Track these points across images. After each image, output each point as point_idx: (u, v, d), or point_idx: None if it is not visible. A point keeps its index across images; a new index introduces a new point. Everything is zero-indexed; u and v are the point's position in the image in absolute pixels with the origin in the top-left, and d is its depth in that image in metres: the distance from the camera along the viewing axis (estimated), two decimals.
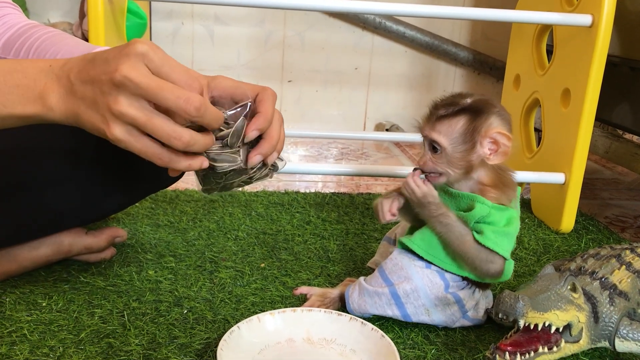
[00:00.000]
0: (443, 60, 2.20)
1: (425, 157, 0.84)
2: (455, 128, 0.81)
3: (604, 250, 0.87)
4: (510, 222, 0.83)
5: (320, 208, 1.35)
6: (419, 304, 0.83)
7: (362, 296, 0.85)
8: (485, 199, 0.82)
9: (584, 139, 1.24)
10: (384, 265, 0.86)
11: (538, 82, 1.42)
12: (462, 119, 0.81)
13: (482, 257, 0.81)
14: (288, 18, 2.10)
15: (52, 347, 0.77)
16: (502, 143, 0.81)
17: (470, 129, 0.80)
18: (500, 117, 0.82)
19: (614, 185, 1.78)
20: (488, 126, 0.81)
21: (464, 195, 0.84)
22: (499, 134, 0.80)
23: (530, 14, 1.27)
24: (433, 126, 0.82)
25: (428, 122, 0.83)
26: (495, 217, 0.81)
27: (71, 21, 1.99)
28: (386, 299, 0.83)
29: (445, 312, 0.84)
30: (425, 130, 0.83)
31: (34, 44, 0.85)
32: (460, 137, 0.81)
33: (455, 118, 0.81)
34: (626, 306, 0.79)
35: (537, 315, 0.69)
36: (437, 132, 0.81)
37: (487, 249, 0.80)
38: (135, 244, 1.09)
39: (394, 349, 0.74)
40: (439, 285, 0.83)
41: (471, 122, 0.81)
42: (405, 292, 0.82)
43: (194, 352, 0.77)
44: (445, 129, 0.81)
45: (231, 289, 0.95)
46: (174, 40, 2.08)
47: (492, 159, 0.82)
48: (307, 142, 2.07)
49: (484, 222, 0.81)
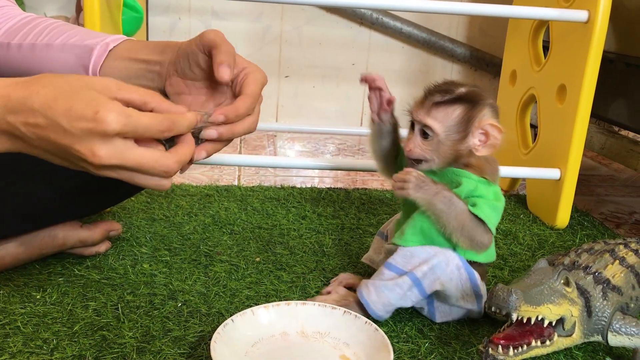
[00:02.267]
0: (440, 57, 2.20)
1: (414, 142, 0.82)
2: (452, 116, 0.80)
3: (597, 245, 0.88)
4: (498, 197, 0.83)
5: (316, 203, 1.35)
6: (434, 278, 0.81)
7: (381, 292, 0.82)
8: (470, 173, 0.82)
9: (579, 134, 1.24)
10: (392, 261, 0.84)
11: (534, 78, 1.42)
12: (459, 107, 0.80)
13: (479, 229, 0.80)
14: (285, 13, 2.10)
15: (46, 339, 0.77)
16: (493, 135, 0.81)
17: (466, 119, 0.80)
18: (493, 109, 0.82)
19: (609, 181, 1.79)
20: (482, 117, 0.81)
21: (449, 171, 0.83)
22: (491, 126, 0.81)
23: (527, 9, 1.27)
24: (428, 111, 0.81)
25: (422, 106, 0.82)
26: (483, 191, 0.81)
27: (68, 15, 1.99)
28: (407, 285, 0.81)
29: (458, 287, 0.82)
30: (419, 115, 0.82)
31: (45, 30, 0.83)
32: (455, 125, 0.80)
33: (452, 106, 0.81)
34: (619, 301, 0.79)
35: (530, 309, 0.69)
36: (432, 118, 0.81)
37: (480, 220, 0.80)
38: (130, 238, 1.09)
39: (387, 342, 0.74)
40: (453, 257, 0.82)
41: (467, 112, 0.80)
42: (424, 273, 0.81)
43: (188, 345, 0.77)
44: (442, 116, 0.81)
45: (226, 282, 0.95)
46: (171, 35, 2.07)
47: (480, 150, 0.82)
48: (304, 138, 2.07)
49: (473, 196, 0.81)
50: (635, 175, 1.86)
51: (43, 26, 0.84)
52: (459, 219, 0.80)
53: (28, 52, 0.84)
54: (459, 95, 0.81)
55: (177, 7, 2.06)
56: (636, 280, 0.83)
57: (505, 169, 1.40)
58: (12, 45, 0.84)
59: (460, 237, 0.80)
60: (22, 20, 0.86)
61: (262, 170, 1.65)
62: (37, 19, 0.86)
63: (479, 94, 0.82)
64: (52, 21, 0.86)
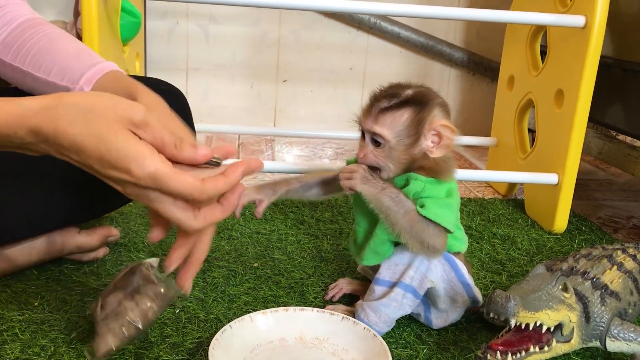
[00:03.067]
0: (438, 61, 2.20)
1: (366, 149, 0.81)
2: (400, 121, 0.78)
3: (595, 251, 0.88)
4: (451, 193, 0.81)
5: (314, 208, 1.35)
6: (422, 278, 0.81)
7: (379, 312, 0.82)
8: (418, 175, 0.80)
9: (577, 139, 1.25)
10: (379, 276, 0.84)
11: (532, 83, 1.43)
12: (407, 111, 0.78)
13: (429, 231, 0.78)
14: (283, 17, 2.10)
15: (44, 346, 0.76)
16: (446, 136, 0.79)
17: (415, 122, 0.78)
18: (443, 109, 0.80)
19: (607, 186, 1.79)
20: (432, 118, 0.79)
21: (398, 178, 0.82)
22: (443, 127, 0.78)
23: (524, 14, 1.27)
24: (376, 119, 0.79)
25: (369, 114, 0.80)
26: (432, 191, 0.79)
27: (66, 20, 1.99)
28: (400, 295, 0.81)
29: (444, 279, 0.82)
30: (367, 124, 0.80)
31: (30, 52, 0.83)
32: (405, 130, 0.78)
33: (399, 110, 0.78)
34: (617, 306, 0.79)
35: (528, 315, 0.69)
36: (380, 125, 0.79)
37: (430, 222, 0.78)
38: (128, 243, 1.09)
39: (386, 348, 0.74)
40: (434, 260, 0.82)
41: (416, 115, 0.78)
42: (412, 277, 0.81)
43: (186, 351, 0.77)
44: (390, 122, 0.78)
45: (224, 288, 0.95)
46: (169, 40, 2.07)
47: (434, 151, 0.79)
48: (301, 142, 2.07)
49: (422, 197, 0.79)
50: (633, 179, 1.86)
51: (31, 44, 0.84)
52: (407, 217, 0.77)
53: (20, 75, 0.85)
54: (406, 98, 0.79)
55: (175, 11, 2.06)
56: (634, 285, 0.83)
57: (503, 173, 1.41)
58: (6, 64, 0.85)
59: (409, 239, 0.78)
60: (17, 29, 0.86)
61: (260, 174, 1.65)
62: (31, 29, 0.85)
63: (426, 95, 0.80)
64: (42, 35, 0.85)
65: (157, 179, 0.56)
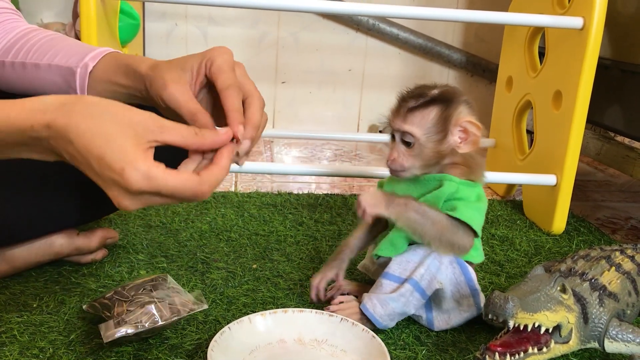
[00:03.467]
0: (436, 62, 2.21)
1: (396, 153, 0.83)
2: (428, 118, 0.81)
3: (594, 252, 0.88)
4: (480, 197, 0.83)
5: (313, 209, 1.35)
6: (431, 278, 0.82)
7: (387, 305, 0.82)
8: (452, 176, 0.82)
9: (575, 140, 1.25)
10: (389, 270, 0.84)
11: (530, 84, 1.43)
12: (434, 109, 0.81)
13: (459, 233, 0.81)
14: (282, 19, 2.10)
15: (42, 348, 0.76)
16: (472, 132, 0.81)
17: (442, 118, 0.81)
18: (469, 106, 0.83)
19: (605, 187, 1.79)
20: (458, 115, 0.81)
21: (431, 177, 0.84)
22: (469, 123, 0.81)
23: (522, 16, 1.28)
24: (405, 118, 0.82)
25: (398, 115, 0.83)
26: (465, 193, 0.82)
27: (64, 21, 1.99)
28: (409, 292, 0.82)
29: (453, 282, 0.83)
30: (397, 124, 0.82)
31: (33, 48, 0.85)
32: (433, 127, 0.81)
33: (427, 108, 0.81)
34: (615, 307, 0.80)
35: (526, 316, 0.69)
36: (409, 123, 0.81)
37: (462, 224, 0.80)
38: (127, 245, 1.09)
39: (384, 350, 0.74)
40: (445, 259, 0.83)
41: (443, 112, 0.81)
42: (421, 275, 0.82)
43: (185, 353, 0.77)
44: (418, 120, 0.81)
45: (223, 290, 0.95)
46: (168, 41, 2.08)
47: (462, 147, 0.82)
48: (300, 144, 2.07)
49: (454, 199, 0.81)
50: (632, 180, 1.86)
51: (33, 42, 0.85)
52: (436, 227, 0.80)
53: (20, 70, 0.85)
54: (433, 97, 0.82)
55: (173, 13, 2.06)
56: (632, 286, 0.83)
57: (501, 175, 1.41)
58: (6, 64, 0.85)
59: (439, 245, 0.81)
60: (17, 36, 0.87)
61: (259, 176, 1.65)
62: (31, 33, 0.87)
63: (452, 93, 0.83)
64: (43, 36, 0.86)
65: (151, 179, 0.55)
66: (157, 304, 0.76)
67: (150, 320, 0.75)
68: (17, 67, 0.85)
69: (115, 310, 0.77)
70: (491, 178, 1.45)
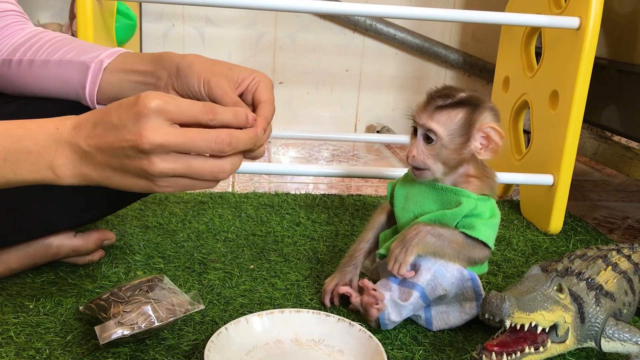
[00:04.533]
0: (433, 63, 2.21)
1: (417, 148, 0.83)
2: (455, 119, 0.81)
3: (590, 251, 0.88)
4: (494, 213, 0.85)
5: (310, 209, 1.35)
6: (436, 284, 0.82)
7: (397, 310, 0.83)
8: (470, 192, 0.83)
9: (572, 140, 1.25)
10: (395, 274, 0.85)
11: (527, 84, 1.43)
12: (461, 111, 0.81)
13: (476, 249, 0.83)
14: (279, 20, 2.10)
15: (39, 349, 0.76)
16: (494, 139, 0.82)
17: (467, 122, 0.81)
18: (493, 113, 0.83)
19: (602, 186, 1.79)
20: (482, 120, 0.82)
21: (449, 189, 0.84)
22: (492, 130, 0.82)
23: (519, 16, 1.28)
24: (431, 115, 0.82)
25: (425, 110, 0.82)
26: (481, 209, 0.83)
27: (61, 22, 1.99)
28: (416, 299, 0.82)
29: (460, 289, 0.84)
30: (422, 119, 0.82)
31: (43, 47, 0.85)
32: (457, 129, 0.81)
33: (454, 110, 0.81)
34: (612, 307, 0.80)
35: (523, 316, 0.69)
36: (435, 121, 0.81)
37: (478, 242, 0.82)
38: (124, 246, 1.09)
39: (381, 350, 0.74)
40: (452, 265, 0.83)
41: (469, 115, 0.81)
42: (427, 281, 0.82)
43: (182, 354, 0.77)
44: (445, 119, 0.81)
45: (220, 290, 0.95)
46: (165, 42, 2.07)
47: (482, 153, 0.83)
48: (298, 144, 2.07)
49: (472, 216, 0.82)
50: (628, 180, 1.87)
51: (44, 42, 0.85)
52: (452, 246, 0.82)
53: (26, 67, 0.85)
54: (461, 99, 0.82)
55: (170, 14, 2.06)
56: (629, 286, 0.83)
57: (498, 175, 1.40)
58: (13, 62, 0.85)
59: (457, 260, 0.83)
60: (26, 36, 0.87)
61: (256, 176, 1.65)
62: (41, 34, 0.87)
63: (479, 98, 0.83)
64: (54, 36, 0.87)
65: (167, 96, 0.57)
66: (153, 305, 0.76)
67: (146, 321, 0.75)
68: (23, 64, 0.84)
69: (111, 312, 0.77)
70: None
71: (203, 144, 0.58)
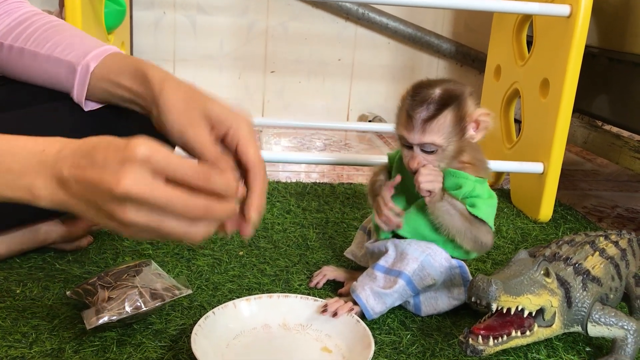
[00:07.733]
0: (426, 52, 2.21)
1: (419, 160, 0.82)
2: (446, 123, 0.80)
3: (578, 237, 0.88)
4: (491, 194, 0.86)
5: (301, 197, 1.35)
6: (424, 274, 0.83)
7: (381, 300, 0.83)
8: (468, 174, 0.84)
9: (562, 128, 1.25)
10: (384, 263, 0.85)
11: (518, 73, 1.43)
12: (448, 112, 0.80)
13: (482, 229, 0.82)
14: (271, 8, 2.09)
15: (25, 333, 0.76)
16: (484, 120, 0.83)
17: (458, 119, 0.81)
18: (471, 96, 0.83)
19: (593, 176, 1.80)
20: (470, 111, 0.82)
21: (448, 172, 0.84)
22: (482, 115, 0.82)
23: (509, 3, 1.27)
24: (422, 131, 0.80)
25: (412, 128, 0.80)
26: (480, 190, 0.84)
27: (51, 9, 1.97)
28: (402, 287, 0.82)
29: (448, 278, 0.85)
30: (415, 138, 0.80)
31: (34, 34, 0.83)
32: (451, 130, 0.81)
33: (441, 115, 0.80)
34: (599, 291, 0.80)
35: (509, 299, 0.69)
36: (429, 134, 0.80)
37: (481, 222, 0.82)
38: (112, 232, 1.08)
39: (369, 334, 0.74)
40: (440, 251, 0.84)
41: (456, 113, 0.81)
42: (414, 271, 0.82)
43: (169, 338, 0.77)
44: (437, 129, 0.80)
45: (208, 276, 0.94)
46: (156, 30, 2.06)
47: (476, 136, 0.83)
48: (290, 133, 2.07)
49: (472, 197, 0.83)
50: (619, 170, 1.88)
51: (34, 27, 0.84)
52: (464, 220, 0.82)
53: (17, 55, 0.84)
54: (441, 100, 0.80)
55: (162, 1, 2.04)
56: (616, 271, 0.84)
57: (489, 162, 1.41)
58: (5, 47, 0.84)
59: (464, 238, 0.82)
60: (21, 17, 0.86)
61: None
62: (34, 17, 0.86)
63: (454, 90, 0.81)
64: (45, 22, 0.85)
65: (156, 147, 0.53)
66: (140, 290, 0.76)
67: (133, 306, 0.75)
68: (14, 51, 0.84)
69: (98, 296, 0.76)
70: None
71: (181, 209, 0.54)
